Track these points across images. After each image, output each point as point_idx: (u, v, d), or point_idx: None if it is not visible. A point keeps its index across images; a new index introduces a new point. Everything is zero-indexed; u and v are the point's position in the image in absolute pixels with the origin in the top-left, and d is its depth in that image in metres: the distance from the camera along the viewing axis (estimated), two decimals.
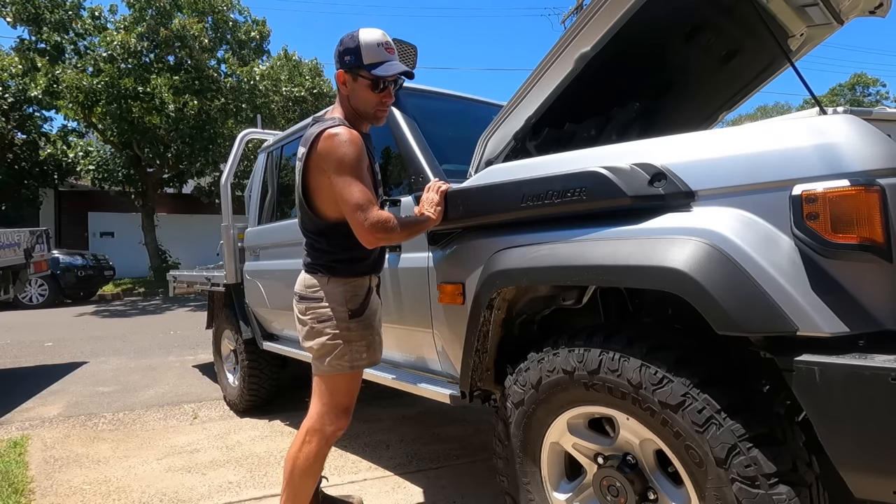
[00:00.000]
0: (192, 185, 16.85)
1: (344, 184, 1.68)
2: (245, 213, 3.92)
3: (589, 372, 1.46)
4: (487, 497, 2.40)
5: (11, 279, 5.26)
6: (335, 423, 1.83)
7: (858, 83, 34.48)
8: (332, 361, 1.80)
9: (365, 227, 1.67)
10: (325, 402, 1.84)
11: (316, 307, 1.81)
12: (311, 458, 1.82)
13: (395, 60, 1.78)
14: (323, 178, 1.73)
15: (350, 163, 1.68)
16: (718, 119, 2.77)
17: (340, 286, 1.81)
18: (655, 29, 1.92)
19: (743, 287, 1.19)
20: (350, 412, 1.88)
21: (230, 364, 4.05)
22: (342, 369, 1.81)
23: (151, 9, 12.49)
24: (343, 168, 1.68)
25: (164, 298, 13.04)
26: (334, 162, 1.68)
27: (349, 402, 1.87)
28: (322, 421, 1.82)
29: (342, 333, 1.79)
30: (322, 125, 1.74)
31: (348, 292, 1.81)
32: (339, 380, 1.83)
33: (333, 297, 1.80)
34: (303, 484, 1.84)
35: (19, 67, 13.11)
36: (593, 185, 1.48)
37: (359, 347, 1.82)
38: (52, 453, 3.15)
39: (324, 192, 1.76)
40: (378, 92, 1.77)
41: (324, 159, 1.70)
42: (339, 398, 1.84)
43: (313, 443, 1.82)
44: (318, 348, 1.81)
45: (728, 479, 1.22)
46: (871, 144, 1.17)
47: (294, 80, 14.80)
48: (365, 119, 1.84)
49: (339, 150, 1.67)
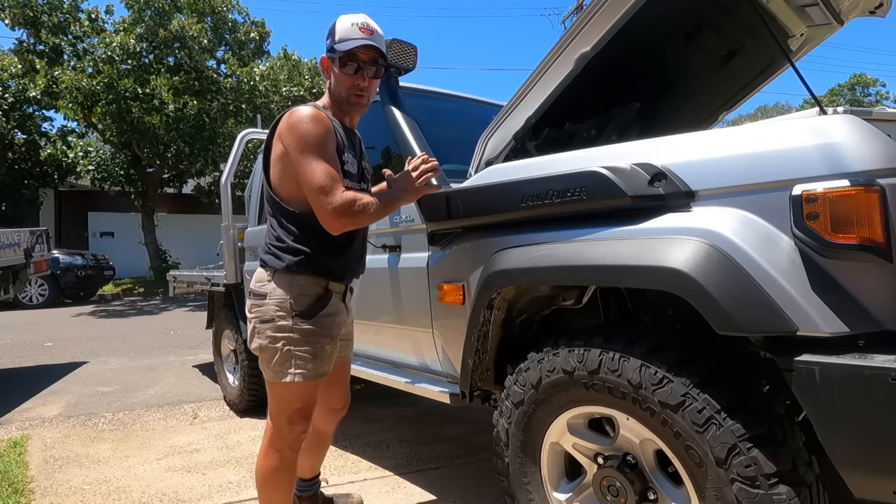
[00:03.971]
0: (192, 184, 16.84)
1: (306, 163, 1.55)
2: (245, 213, 3.92)
3: (589, 372, 1.46)
4: (487, 497, 2.40)
5: (11, 279, 5.26)
6: (293, 431, 1.69)
7: (858, 83, 34.49)
8: (274, 367, 1.65)
9: (328, 211, 1.53)
10: (280, 409, 1.69)
11: (260, 304, 1.66)
12: (278, 467, 1.71)
13: (367, 41, 1.64)
14: (283, 156, 1.63)
15: (313, 141, 1.56)
16: (718, 119, 2.77)
17: (286, 283, 1.65)
18: (655, 29, 1.92)
19: (743, 287, 1.19)
20: (309, 416, 1.73)
21: (230, 364, 4.05)
22: (288, 378, 1.63)
23: (150, 9, 12.49)
24: (305, 146, 1.56)
25: (163, 298, 13.04)
26: (295, 139, 1.57)
27: (305, 408, 1.71)
28: (280, 431, 1.70)
29: (284, 336, 1.63)
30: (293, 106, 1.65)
31: (294, 290, 1.64)
32: (290, 387, 1.65)
33: (277, 296, 1.64)
34: (274, 494, 1.73)
35: (19, 67, 13.11)
36: (593, 184, 1.48)
37: (303, 355, 1.63)
38: (52, 453, 3.15)
39: (282, 171, 1.65)
40: (351, 74, 1.67)
41: (282, 135, 1.61)
42: (293, 405, 1.68)
43: (275, 455, 1.71)
44: (259, 352, 1.67)
45: (728, 479, 1.22)
46: (872, 144, 1.17)
47: (294, 80, 14.78)
48: (340, 105, 1.73)
49: (301, 127, 1.57)
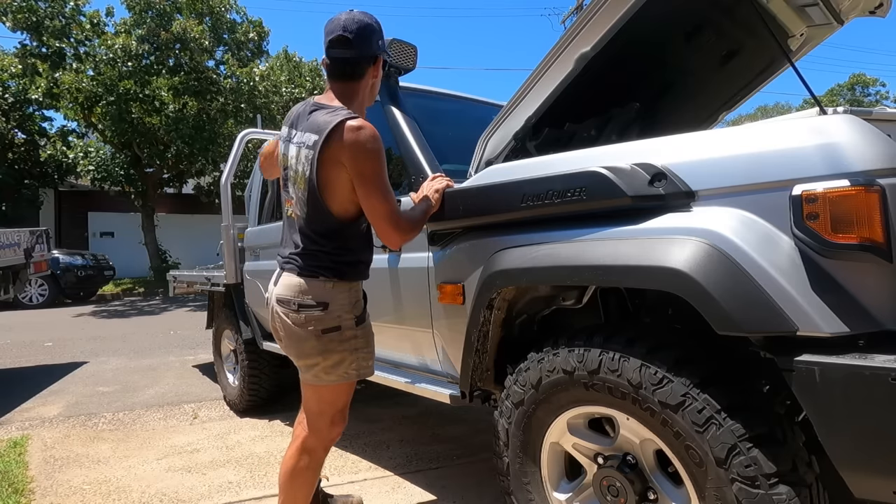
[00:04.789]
0: (192, 184, 16.84)
1: (372, 186, 1.58)
2: (245, 213, 3.92)
3: (589, 372, 1.46)
4: (487, 497, 2.40)
5: (11, 279, 5.26)
6: (333, 430, 1.78)
7: (857, 83, 34.49)
8: (338, 372, 1.69)
9: (397, 233, 1.63)
10: (323, 411, 1.75)
11: (321, 316, 1.64)
12: (312, 467, 1.78)
13: None
14: (339, 171, 1.58)
15: (380, 162, 1.58)
16: (718, 119, 2.77)
17: (346, 291, 1.68)
18: (655, 29, 1.92)
19: (743, 287, 1.19)
20: (346, 415, 1.83)
21: (230, 364, 4.05)
22: (349, 378, 1.72)
23: (151, 11, 12.49)
24: (373, 167, 1.57)
25: (163, 298, 13.03)
26: (362, 159, 1.56)
27: (346, 406, 1.82)
28: (320, 430, 1.76)
29: (351, 342, 1.69)
30: (335, 114, 1.59)
31: (353, 297, 1.70)
32: (342, 388, 1.75)
33: (340, 304, 1.66)
34: (301, 493, 1.79)
35: (19, 68, 13.11)
36: (593, 185, 1.48)
37: (365, 355, 1.74)
38: (52, 453, 3.15)
39: (337, 187, 1.61)
40: None
41: (345, 153, 1.55)
42: (337, 406, 1.77)
43: (307, 454, 1.76)
44: (323, 360, 1.67)
45: (728, 479, 1.22)
46: (872, 144, 1.17)
47: (294, 82, 14.77)
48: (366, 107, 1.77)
49: (368, 147, 1.56)
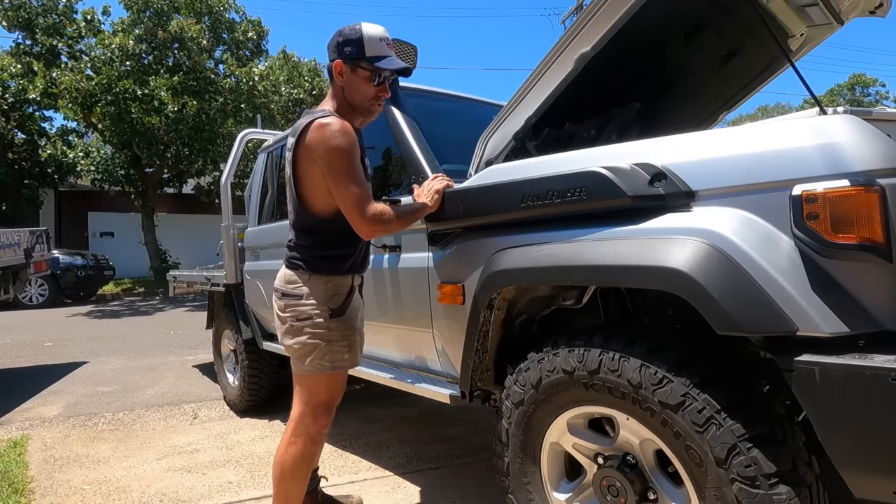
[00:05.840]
0: (192, 184, 16.83)
1: (339, 178, 1.66)
2: (245, 213, 3.92)
3: (589, 372, 1.46)
4: (487, 497, 2.40)
5: (11, 279, 5.26)
6: (317, 423, 1.81)
7: (857, 83, 34.49)
8: (312, 361, 1.77)
9: (364, 221, 1.68)
10: (306, 401, 1.81)
11: (296, 305, 1.77)
12: (298, 459, 1.80)
13: (395, 57, 1.80)
14: (311, 167, 1.70)
15: (344, 155, 1.66)
16: (718, 119, 2.77)
17: (322, 284, 1.78)
18: (655, 29, 1.92)
19: (743, 287, 1.19)
20: (333, 409, 1.86)
21: (230, 364, 4.05)
22: (323, 369, 1.78)
23: (149, 10, 12.47)
24: (337, 160, 1.65)
25: (163, 298, 13.03)
26: (326, 153, 1.65)
27: (331, 400, 1.84)
28: (304, 422, 1.81)
29: (322, 333, 1.76)
30: (311, 115, 1.72)
31: (329, 290, 1.78)
32: (320, 379, 1.80)
33: (315, 295, 1.77)
34: (292, 486, 1.82)
35: (18, 68, 13.09)
36: (593, 185, 1.48)
37: (340, 347, 1.79)
38: (52, 453, 3.15)
39: (312, 182, 1.73)
40: (376, 85, 1.78)
41: (314, 150, 1.67)
42: (319, 397, 1.82)
43: (298, 444, 1.80)
44: (298, 348, 1.78)
45: (728, 479, 1.22)
46: (872, 144, 1.17)
47: (293, 82, 14.75)
48: (359, 112, 1.83)
49: (332, 141, 1.65)
